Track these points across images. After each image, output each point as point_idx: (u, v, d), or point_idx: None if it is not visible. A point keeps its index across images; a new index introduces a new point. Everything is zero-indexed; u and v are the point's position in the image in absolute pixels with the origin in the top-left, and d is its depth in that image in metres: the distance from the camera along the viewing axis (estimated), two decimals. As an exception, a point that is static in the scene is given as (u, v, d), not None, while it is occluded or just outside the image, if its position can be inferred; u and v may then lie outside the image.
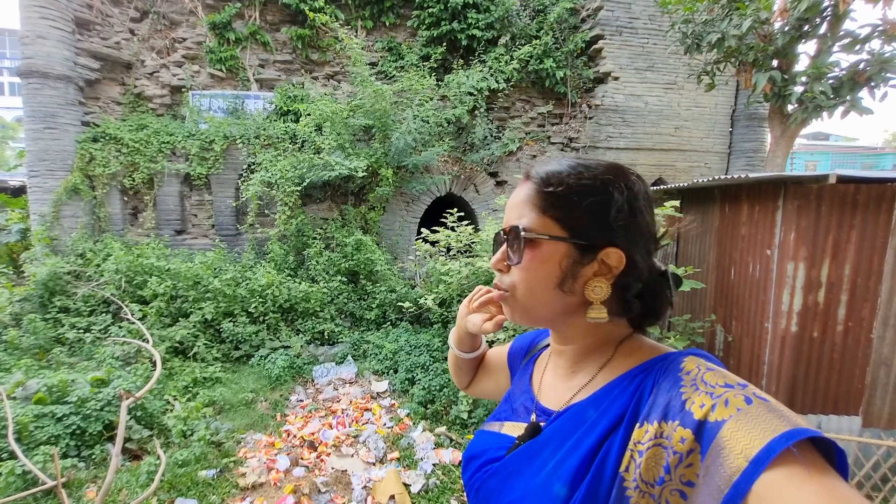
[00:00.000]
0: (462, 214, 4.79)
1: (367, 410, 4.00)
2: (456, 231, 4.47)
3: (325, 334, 5.30)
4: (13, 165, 10.70)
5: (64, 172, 5.85)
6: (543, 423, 0.65)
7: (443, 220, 4.65)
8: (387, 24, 6.87)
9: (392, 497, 2.78)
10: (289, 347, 4.94)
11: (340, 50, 6.55)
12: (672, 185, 4.55)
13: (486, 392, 0.97)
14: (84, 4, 6.08)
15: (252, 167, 6.24)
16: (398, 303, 5.42)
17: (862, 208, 2.93)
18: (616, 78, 6.78)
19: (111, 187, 6.11)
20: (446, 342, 4.76)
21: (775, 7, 4.37)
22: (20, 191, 8.34)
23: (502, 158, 7.00)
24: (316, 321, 5.37)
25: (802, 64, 4.73)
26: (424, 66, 6.44)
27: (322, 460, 3.24)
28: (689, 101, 7.04)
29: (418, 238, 4.90)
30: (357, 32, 6.73)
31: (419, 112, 6.07)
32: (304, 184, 5.80)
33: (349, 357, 4.99)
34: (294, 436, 3.55)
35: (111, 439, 3.21)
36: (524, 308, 0.63)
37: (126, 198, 6.32)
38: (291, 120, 6.46)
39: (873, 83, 4.22)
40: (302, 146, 6.26)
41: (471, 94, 6.51)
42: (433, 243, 4.63)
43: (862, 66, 4.23)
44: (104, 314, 5.00)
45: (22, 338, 4.54)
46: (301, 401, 4.19)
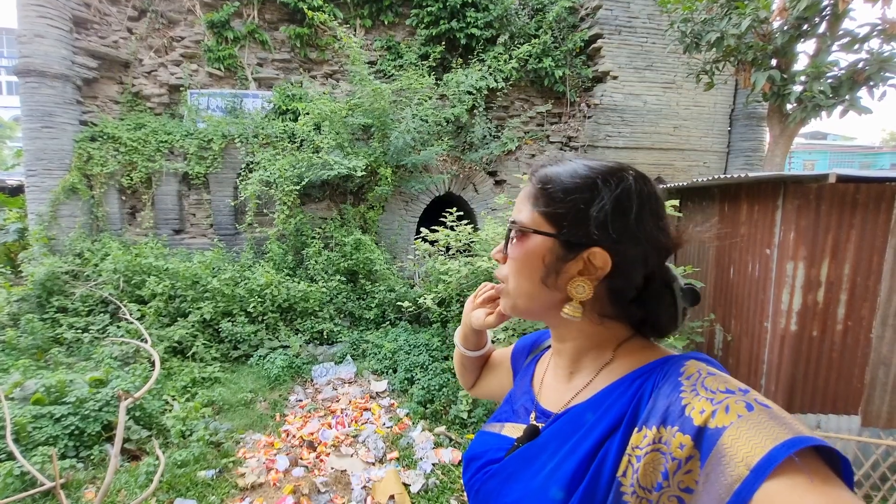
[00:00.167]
0: (461, 214, 4.78)
1: (367, 410, 4.00)
2: (455, 230, 4.46)
3: (324, 334, 5.29)
4: (11, 165, 10.67)
5: (62, 172, 5.83)
6: (542, 425, 0.65)
7: (442, 220, 4.65)
8: (385, 23, 6.85)
9: (392, 497, 2.78)
10: (288, 347, 4.93)
11: (339, 49, 6.53)
12: (671, 185, 4.55)
13: (491, 392, 0.96)
14: (82, 3, 6.05)
15: (250, 166, 6.22)
16: (397, 302, 5.41)
17: (861, 208, 2.94)
18: (615, 77, 6.78)
19: (109, 187, 6.09)
20: (445, 342, 4.76)
21: (774, 6, 4.37)
22: (18, 190, 8.32)
23: (501, 158, 6.99)
24: (315, 321, 5.36)
25: (801, 63, 4.74)
26: (423, 65, 6.42)
27: (321, 460, 3.24)
28: (688, 101, 7.03)
29: (417, 237, 4.89)
30: (356, 31, 6.71)
31: (418, 111, 6.05)
32: (303, 183, 5.79)
33: (348, 357, 4.99)
34: (293, 436, 3.55)
35: (110, 440, 3.21)
36: (513, 299, 0.65)
37: (124, 197, 6.30)
38: (290, 119, 6.44)
39: (872, 82, 4.22)
40: (300, 145, 6.24)
41: (469, 94, 6.49)
42: (432, 243, 4.62)
43: (861, 66, 4.23)
44: (102, 314, 4.99)
45: (20, 338, 4.52)
46: (300, 401, 4.18)
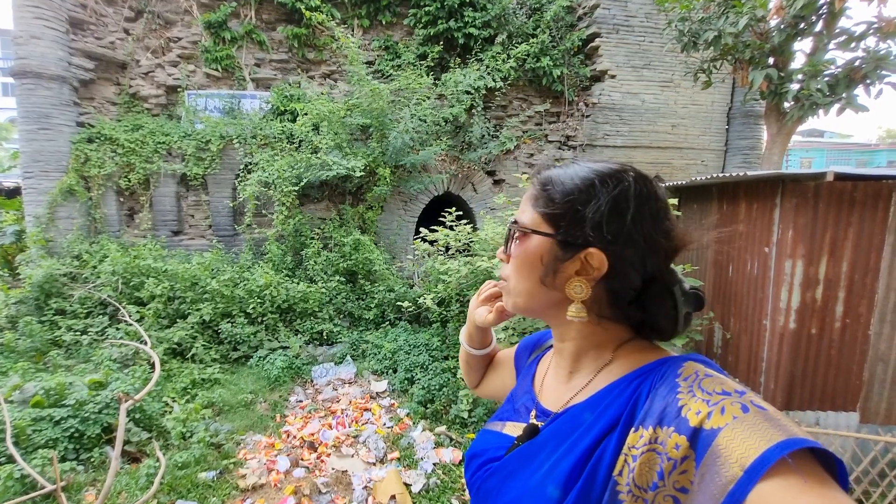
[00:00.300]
0: (460, 213, 4.78)
1: (367, 410, 4.00)
2: (454, 230, 4.47)
3: (324, 334, 5.29)
4: (7, 167, 10.60)
5: (59, 173, 5.80)
6: (542, 424, 0.66)
7: (441, 220, 4.65)
8: (383, 23, 6.84)
9: (393, 497, 2.78)
10: (287, 348, 4.93)
11: (337, 49, 6.52)
12: (670, 183, 4.56)
13: (495, 392, 0.96)
14: (78, 4, 6.02)
15: (249, 167, 6.21)
16: (397, 302, 5.41)
17: (859, 206, 2.95)
18: (613, 76, 6.79)
19: (107, 188, 6.07)
20: (445, 342, 4.76)
21: (771, 5, 4.38)
22: (15, 192, 8.28)
23: (500, 157, 6.99)
24: (314, 321, 5.35)
25: (798, 61, 4.75)
26: (421, 65, 6.41)
27: (322, 461, 3.24)
28: (686, 99, 7.05)
29: (416, 237, 4.89)
30: (353, 31, 6.70)
31: (416, 111, 6.05)
32: (302, 184, 5.78)
33: (348, 357, 4.98)
34: (294, 436, 3.54)
35: (110, 442, 3.20)
36: (514, 297, 0.66)
37: (122, 199, 6.28)
38: (288, 119, 6.43)
39: (869, 80, 4.24)
40: (299, 146, 6.23)
41: (468, 93, 6.49)
42: (431, 242, 4.63)
43: (857, 64, 4.24)
44: (101, 316, 4.97)
45: (18, 340, 4.51)
46: (300, 401, 4.18)
